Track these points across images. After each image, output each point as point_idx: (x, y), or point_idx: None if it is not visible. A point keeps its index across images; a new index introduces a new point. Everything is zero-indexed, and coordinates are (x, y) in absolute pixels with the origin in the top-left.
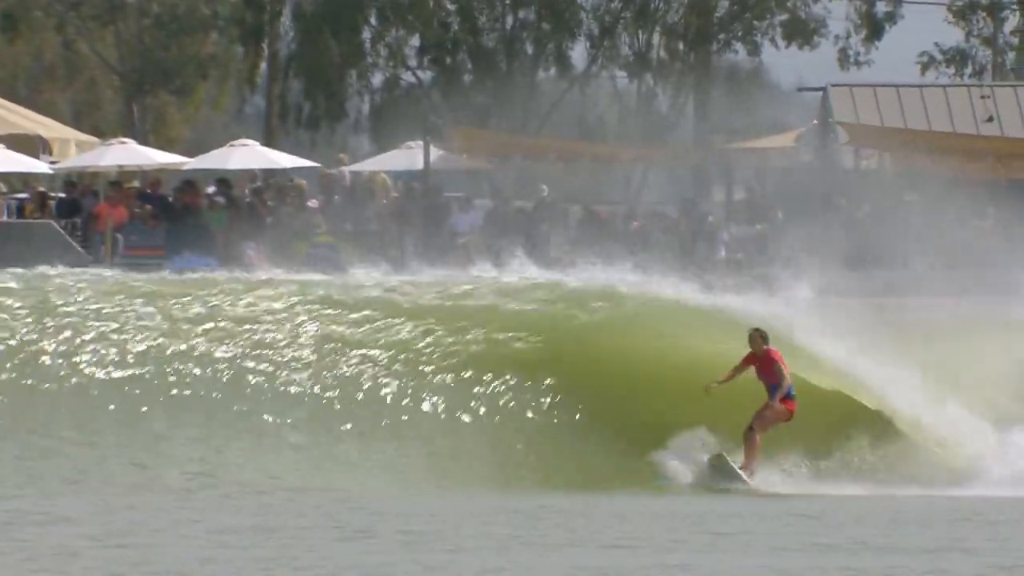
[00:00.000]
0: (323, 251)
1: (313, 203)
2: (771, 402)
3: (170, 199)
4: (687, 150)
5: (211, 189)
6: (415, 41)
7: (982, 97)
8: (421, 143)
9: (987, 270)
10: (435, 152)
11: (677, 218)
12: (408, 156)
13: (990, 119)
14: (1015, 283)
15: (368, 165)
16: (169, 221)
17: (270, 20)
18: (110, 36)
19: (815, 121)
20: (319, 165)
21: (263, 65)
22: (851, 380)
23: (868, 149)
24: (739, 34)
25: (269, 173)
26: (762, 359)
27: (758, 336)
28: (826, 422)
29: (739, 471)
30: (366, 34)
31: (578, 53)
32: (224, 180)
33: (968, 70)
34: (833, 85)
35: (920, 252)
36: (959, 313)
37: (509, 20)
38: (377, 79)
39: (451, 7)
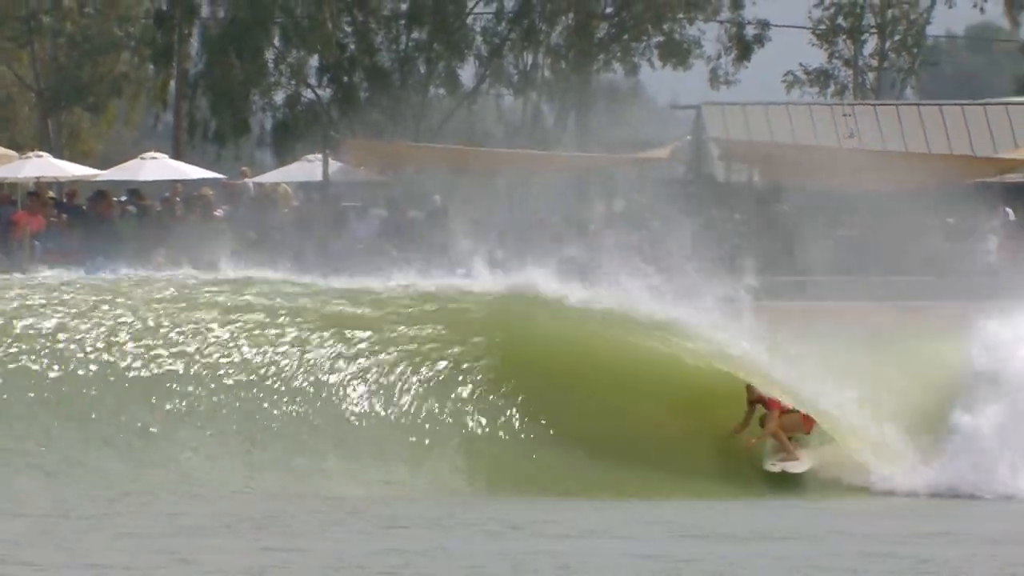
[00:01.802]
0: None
1: (219, 212)
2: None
3: (84, 208)
4: (572, 162)
5: (123, 198)
6: (315, 61)
7: (844, 115)
8: (320, 156)
9: (850, 277)
10: (334, 164)
11: (559, 227)
12: (308, 168)
13: (851, 135)
14: (878, 288)
15: (271, 177)
16: (83, 229)
17: (179, 41)
18: (27, 56)
19: (689, 137)
20: (224, 176)
21: (172, 83)
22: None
23: (738, 163)
24: (618, 55)
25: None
26: (761, 400)
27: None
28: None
29: (790, 466)
30: (269, 55)
31: (467, 72)
32: (135, 191)
33: (830, 89)
34: (706, 103)
35: (787, 260)
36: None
37: (403, 41)
38: (279, 97)
39: (348, 29)
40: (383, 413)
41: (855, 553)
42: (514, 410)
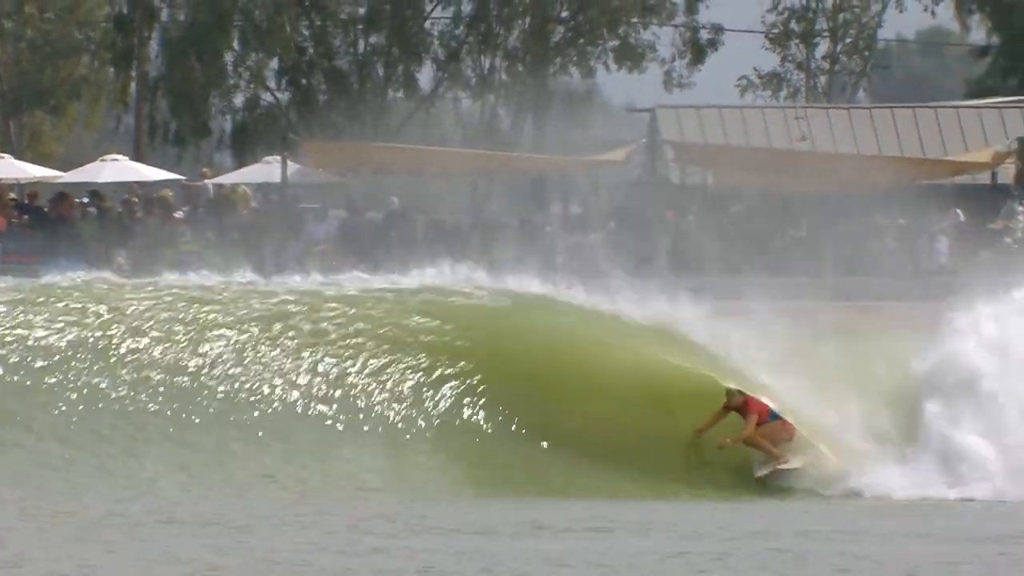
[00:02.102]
0: (188, 258)
1: (179, 214)
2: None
3: (45, 210)
4: (530, 164)
5: (84, 200)
6: (274, 64)
7: (796, 118)
8: (279, 158)
9: (803, 278)
10: (292, 166)
11: (517, 228)
12: (267, 170)
13: (803, 138)
14: (831, 289)
15: (230, 178)
16: (44, 230)
17: (139, 44)
18: None
19: (644, 139)
20: (184, 178)
21: (132, 86)
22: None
23: (693, 165)
24: (574, 59)
25: (139, 186)
26: (738, 409)
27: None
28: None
29: (781, 468)
30: (228, 58)
31: (425, 76)
32: (96, 192)
33: (783, 93)
34: (660, 106)
35: (742, 260)
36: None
37: (361, 45)
38: (239, 99)
39: (307, 33)
40: (362, 415)
41: (834, 553)
42: (497, 412)
